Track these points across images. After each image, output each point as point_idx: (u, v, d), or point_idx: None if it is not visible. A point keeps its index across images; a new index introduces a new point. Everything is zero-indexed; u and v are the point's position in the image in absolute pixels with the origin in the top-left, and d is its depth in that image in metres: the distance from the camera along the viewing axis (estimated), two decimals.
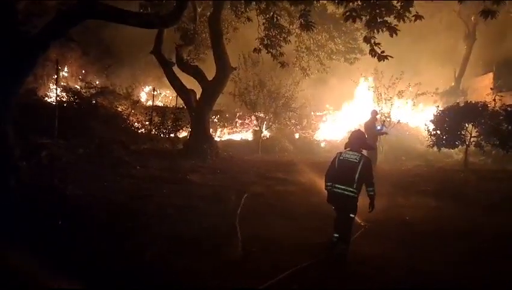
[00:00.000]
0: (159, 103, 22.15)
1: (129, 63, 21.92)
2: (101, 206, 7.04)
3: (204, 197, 8.46)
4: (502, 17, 14.28)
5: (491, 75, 20.35)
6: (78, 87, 16.68)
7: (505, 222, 7.35)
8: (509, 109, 11.27)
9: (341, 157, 5.57)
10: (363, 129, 12.66)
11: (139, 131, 16.75)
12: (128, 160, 11.40)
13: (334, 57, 18.06)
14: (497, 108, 12.18)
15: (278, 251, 5.59)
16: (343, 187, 5.40)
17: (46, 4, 9.05)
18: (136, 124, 17.05)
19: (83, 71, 20.27)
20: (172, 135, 16.25)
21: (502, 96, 12.74)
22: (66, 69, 19.47)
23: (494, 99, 12.60)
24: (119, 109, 17.08)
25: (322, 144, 19.84)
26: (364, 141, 5.85)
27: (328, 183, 5.60)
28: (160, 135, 16.34)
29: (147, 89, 24.45)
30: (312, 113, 21.81)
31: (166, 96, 24.36)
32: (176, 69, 15.34)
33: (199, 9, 15.63)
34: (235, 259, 5.23)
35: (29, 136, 9.99)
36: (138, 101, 19.45)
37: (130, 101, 18.04)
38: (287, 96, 18.86)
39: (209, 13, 15.31)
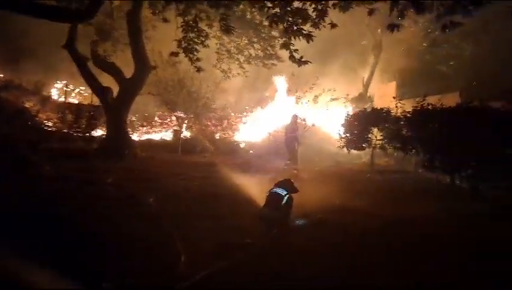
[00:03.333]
0: (72, 100, 20.96)
1: (39, 57, 20.43)
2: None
3: (120, 199, 8.25)
4: (402, 34, 15.64)
5: (394, 83, 22.09)
6: None
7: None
8: (408, 115, 12.36)
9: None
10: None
11: (50, 129, 15.75)
12: (36, 160, 10.70)
13: (252, 62, 18.50)
14: (398, 114, 13.32)
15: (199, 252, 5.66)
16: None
17: None
18: (46, 121, 16.02)
19: None
20: (87, 134, 15.52)
21: (403, 103, 13.88)
22: None
23: (396, 106, 13.75)
24: (27, 105, 15.93)
25: (242, 145, 20.21)
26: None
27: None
28: (73, 134, 15.53)
29: (59, 85, 23.01)
30: (232, 114, 22.14)
31: (81, 94, 23.12)
32: (91, 65, 14.72)
33: (114, 3, 15.10)
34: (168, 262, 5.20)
35: None
36: (49, 98, 18.29)
37: (39, 97, 16.91)
38: (207, 97, 18.97)
39: (127, 9, 14.91)
